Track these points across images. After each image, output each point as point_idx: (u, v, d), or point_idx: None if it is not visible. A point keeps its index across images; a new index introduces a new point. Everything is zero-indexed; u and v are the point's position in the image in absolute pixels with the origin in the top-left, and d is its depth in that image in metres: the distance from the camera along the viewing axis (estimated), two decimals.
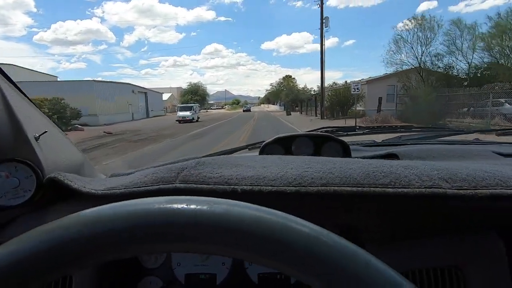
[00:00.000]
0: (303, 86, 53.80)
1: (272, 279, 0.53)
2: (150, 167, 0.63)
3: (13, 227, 0.48)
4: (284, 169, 0.44)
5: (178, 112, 27.81)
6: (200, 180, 0.43)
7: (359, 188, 0.38)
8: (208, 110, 75.01)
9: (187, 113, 27.01)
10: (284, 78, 61.91)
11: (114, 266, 0.51)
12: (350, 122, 14.62)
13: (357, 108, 21.89)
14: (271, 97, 71.27)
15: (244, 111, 56.37)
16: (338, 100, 21.55)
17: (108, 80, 32.37)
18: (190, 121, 26.23)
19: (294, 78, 63.62)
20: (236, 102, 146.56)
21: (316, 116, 25.58)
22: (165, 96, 74.85)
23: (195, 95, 65.65)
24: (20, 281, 0.20)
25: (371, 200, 0.39)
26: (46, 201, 0.50)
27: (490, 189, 0.37)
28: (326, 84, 24.14)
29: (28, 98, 0.57)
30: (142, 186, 0.44)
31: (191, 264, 0.54)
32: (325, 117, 21.91)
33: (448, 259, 0.44)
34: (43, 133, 0.52)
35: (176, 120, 26.34)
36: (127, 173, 0.66)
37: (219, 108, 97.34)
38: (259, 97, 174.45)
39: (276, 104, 72.58)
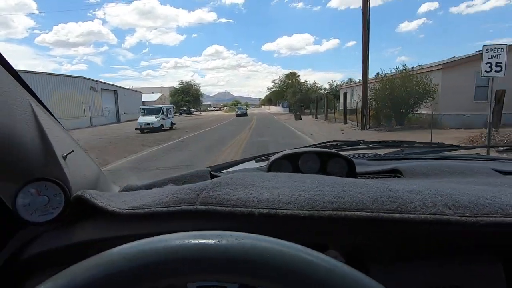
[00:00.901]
0: (312, 84, 45.00)
1: None
2: (167, 182, 0.64)
3: (40, 242, 0.49)
4: (296, 191, 0.45)
5: (140, 117, 18.77)
6: (219, 202, 0.44)
7: (368, 213, 0.40)
8: (202, 112, 65.80)
9: (152, 118, 18.11)
10: (288, 76, 52.21)
11: None
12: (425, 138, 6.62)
13: (422, 112, 12.71)
14: (273, 97, 61.18)
15: (237, 115, 38.85)
16: (392, 98, 12.46)
17: (52, 73, 23.41)
18: (158, 129, 17.41)
19: (298, 75, 54.12)
20: (235, 103, 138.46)
21: (345, 123, 16.48)
22: (155, 97, 66.03)
23: (186, 95, 56.73)
24: None
25: (378, 225, 0.41)
26: (72, 218, 0.51)
27: (490, 217, 0.39)
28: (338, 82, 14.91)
29: (54, 117, 0.58)
30: (165, 207, 0.46)
31: None
32: (369, 126, 12.91)
33: (450, 279, 0.45)
34: (70, 152, 0.54)
35: (136, 129, 17.70)
36: (142, 185, 0.65)
37: (216, 110, 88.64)
38: (260, 98, 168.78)
39: (279, 105, 63.94)
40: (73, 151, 0.54)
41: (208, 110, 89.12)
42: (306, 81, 46.26)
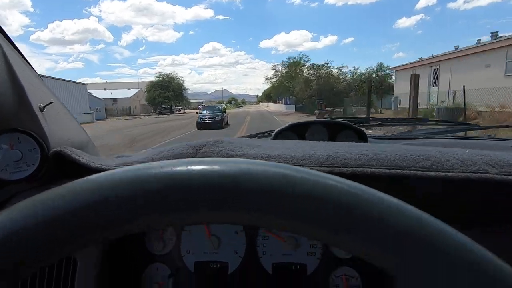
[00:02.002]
0: (338, 68, 27.76)
1: (287, 269, 0.49)
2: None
3: (12, 204, 0.42)
4: (311, 150, 0.40)
5: None
6: (222, 155, 0.39)
7: (399, 171, 0.35)
8: (186, 111, 54.29)
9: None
10: (290, 66, 37.67)
11: (119, 252, 0.48)
12: None
13: None
14: (274, 92, 48.58)
15: (201, 125, 15.22)
16: None
17: None
18: None
19: (308, 57, 37.03)
20: (231, 100, 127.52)
21: None
22: (130, 93, 54.68)
23: (166, 90, 45.28)
24: (15, 260, 0.17)
25: (411, 185, 0.35)
26: (50, 177, 0.46)
27: None
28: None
29: (31, 66, 0.51)
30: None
31: (201, 252, 0.50)
32: None
33: (492, 249, 0.39)
34: (48, 104, 0.47)
35: None
36: (136, 154, 0.59)
37: None
38: (257, 95, 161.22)
39: (280, 102, 52.92)
40: (52, 102, 0.48)
41: (199, 108, 77.87)
42: (329, 64, 27.74)
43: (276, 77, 36.74)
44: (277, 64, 37.39)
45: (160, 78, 46.66)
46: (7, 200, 0.44)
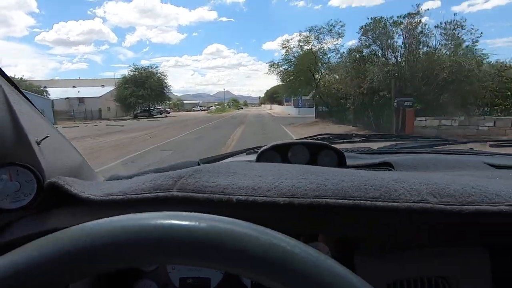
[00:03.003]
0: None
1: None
2: (149, 172, 0.63)
3: (11, 230, 0.47)
4: (278, 179, 0.43)
5: None
6: (197, 188, 0.42)
7: (350, 201, 0.38)
8: (167, 115, 43.70)
9: None
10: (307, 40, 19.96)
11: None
12: None
13: None
14: (285, 89, 33.16)
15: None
16: None
17: None
18: None
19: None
20: (232, 101, 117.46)
21: None
22: (102, 91, 44.19)
23: (141, 88, 34.79)
24: None
25: (361, 213, 0.39)
26: (46, 205, 0.49)
27: (475, 205, 0.37)
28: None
29: (29, 101, 0.55)
30: (140, 193, 0.43)
31: (186, 269, 0.54)
32: None
33: (436, 270, 0.45)
34: (44, 138, 0.51)
35: None
36: (126, 176, 0.64)
37: (204, 110, 66.81)
38: (259, 96, 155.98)
39: (287, 104, 42.67)
40: (48, 136, 0.51)
41: (194, 110, 67.92)
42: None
43: (288, 64, 21.46)
44: (292, 38, 21.64)
45: (136, 73, 36.16)
46: (6, 226, 0.47)
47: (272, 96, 65.24)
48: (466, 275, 0.44)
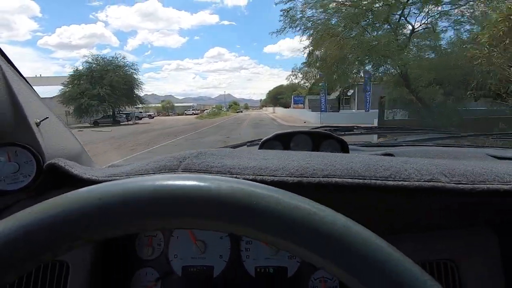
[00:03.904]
0: None
1: (269, 272, 0.52)
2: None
3: (9, 213, 0.46)
4: (285, 161, 0.43)
5: None
6: (202, 168, 0.41)
7: (361, 180, 0.37)
8: (149, 121, 33.78)
9: None
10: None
11: (110, 257, 0.50)
12: None
13: None
14: (290, 92, 26.44)
15: None
16: None
17: None
18: None
19: None
20: (231, 104, 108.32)
21: None
22: (51, 91, 34.35)
23: (96, 85, 25.02)
24: (19, 259, 0.19)
25: (372, 193, 0.38)
26: (45, 188, 0.48)
27: (487, 184, 0.36)
28: None
29: (28, 82, 0.54)
30: (144, 174, 0.43)
31: (188, 257, 0.53)
32: None
33: (444, 252, 0.44)
34: (44, 119, 0.50)
35: None
36: (126, 164, 0.62)
37: (196, 114, 57.15)
38: (260, 99, 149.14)
39: (297, 106, 33.39)
40: (47, 117, 0.50)
41: (186, 114, 58.46)
42: None
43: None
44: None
45: (94, 64, 26.31)
46: (6, 208, 0.46)
47: (275, 98, 55.64)
48: (474, 257, 0.43)
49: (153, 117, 45.46)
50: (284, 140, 0.73)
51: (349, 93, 23.23)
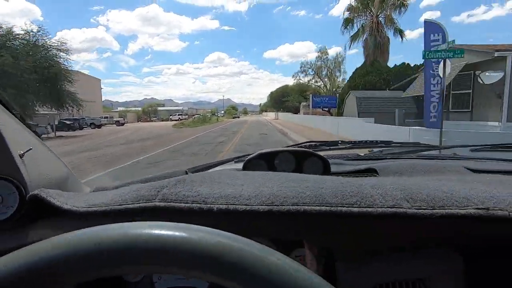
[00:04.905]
0: None
1: None
2: (134, 182, 0.63)
3: None
4: (260, 188, 0.44)
5: None
6: (178, 198, 0.42)
7: (327, 207, 0.39)
8: (95, 128, 22.71)
9: None
10: None
11: (95, 281, 0.50)
12: None
13: None
14: (295, 92, 16.59)
15: None
16: None
17: None
18: None
19: None
20: (230, 108, 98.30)
21: None
22: None
23: None
24: None
25: (338, 219, 0.39)
26: (29, 218, 0.48)
27: (446, 209, 0.38)
28: None
29: (12, 113, 0.54)
30: (123, 204, 0.43)
31: (172, 278, 0.53)
32: None
33: (414, 272, 0.45)
34: (27, 151, 0.50)
35: None
36: (112, 187, 0.64)
37: (181, 119, 46.51)
38: (260, 104, 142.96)
39: (317, 109, 22.80)
40: (31, 149, 0.50)
41: (171, 119, 48.13)
42: None
43: None
44: None
45: None
46: None
47: (279, 100, 45.11)
48: (442, 277, 0.44)
49: (123, 123, 34.95)
50: (268, 159, 0.72)
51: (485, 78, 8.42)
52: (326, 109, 22.85)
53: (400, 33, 22.78)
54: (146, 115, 55.39)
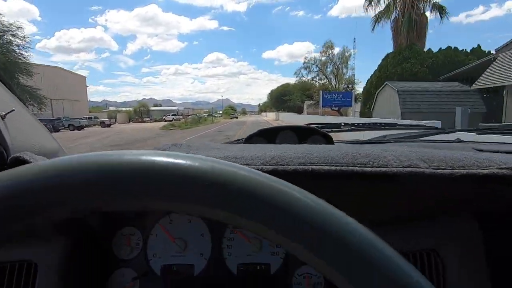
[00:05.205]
0: None
1: (252, 270, 0.50)
2: None
3: None
4: (263, 151, 0.41)
5: None
6: None
7: (337, 167, 0.36)
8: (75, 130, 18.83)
9: None
10: None
11: (83, 256, 0.48)
12: None
13: None
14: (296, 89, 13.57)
15: None
16: None
17: None
18: None
19: None
20: (228, 109, 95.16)
21: None
22: None
23: None
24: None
25: (350, 180, 0.37)
26: None
27: (466, 169, 0.35)
28: None
29: None
30: None
31: (168, 255, 0.50)
32: None
33: (426, 242, 0.44)
34: (10, 112, 0.47)
35: None
36: None
37: (175, 120, 43.31)
38: (259, 104, 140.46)
39: (328, 108, 19.49)
40: (13, 110, 0.48)
41: (165, 120, 44.92)
42: None
43: None
44: None
45: None
46: None
47: (280, 99, 41.87)
48: (456, 245, 0.42)
49: (109, 125, 31.66)
50: (269, 137, 0.70)
51: None
52: (336, 109, 19.56)
53: (440, 11, 17.71)
54: (138, 116, 51.98)
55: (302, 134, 0.69)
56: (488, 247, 0.42)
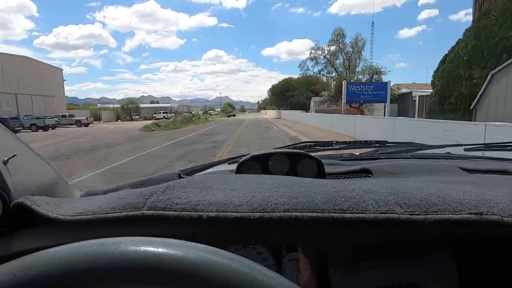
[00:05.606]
0: None
1: None
2: (126, 185, 0.62)
3: None
4: (251, 193, 0.43)
5: None
6: (167, 206, 0.41)
7: (319, 214, 0.38)
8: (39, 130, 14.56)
9: None
10: None
11: None
12: None
13: None
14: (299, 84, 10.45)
15: None
16: None
17: None
18: None
19: None
20: (227, 106, 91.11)
21: None
22: None
23: None
24: None
25: (331, 225, 0.39)
26: (13, 227, 0.47)
27: (439, 214, 0.37)
28: None
29: None
30: (110, 213, 0.42)
31: None
32: None
33: (407, 277, 0.45)
34: (12, 157, 0.49)
35: None
36: (102, 191, 0.62)
37: (167, 118, 39.14)
38: (258, 101, 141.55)
39: (353, 104, 15.36)
40: (15, 155, 0.50)
41: (156, 118, 40.83)
42: None
43: None
44: None
45: None
46: None
47: (281, 96, 37.72)
48: (435, 282, 0.44)
49: (87, 124, 27.50)
50: (261, 161, 0.73)
51: None
52: (357, 105, 15.42)
53: None
54: (126, 113, 47.77)
55: (294, 158, 0.71)
56: (465, 280, 0.44)
